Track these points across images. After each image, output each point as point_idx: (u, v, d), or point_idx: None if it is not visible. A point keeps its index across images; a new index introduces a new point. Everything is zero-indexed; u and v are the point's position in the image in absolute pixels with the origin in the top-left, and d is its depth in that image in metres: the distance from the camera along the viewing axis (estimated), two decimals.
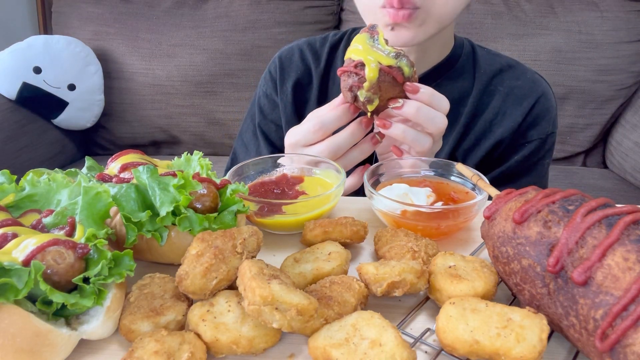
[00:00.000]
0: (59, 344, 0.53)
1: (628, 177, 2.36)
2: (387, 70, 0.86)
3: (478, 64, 1.22)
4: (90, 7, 2.60)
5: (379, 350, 0.50)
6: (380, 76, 0.86)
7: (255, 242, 0.64)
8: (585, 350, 0.51)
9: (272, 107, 1.31)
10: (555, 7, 2.42)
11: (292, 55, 1.30)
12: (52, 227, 0.63)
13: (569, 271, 0.52)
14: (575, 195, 0.59)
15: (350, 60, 0.89)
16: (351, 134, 0.93)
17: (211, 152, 2.65)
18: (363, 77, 0.86)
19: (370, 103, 0.87)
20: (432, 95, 0.89)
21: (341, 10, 2.64)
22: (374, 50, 0.88)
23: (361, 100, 0.87)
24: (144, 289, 0.62)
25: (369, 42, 0.89)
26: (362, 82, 0.86)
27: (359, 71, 0.86)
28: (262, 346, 0.55)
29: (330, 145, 0.92)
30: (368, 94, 0.86)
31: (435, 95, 0.89)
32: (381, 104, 0.89)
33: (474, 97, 1.19)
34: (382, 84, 0.86)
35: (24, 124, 2.36)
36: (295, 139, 0.96)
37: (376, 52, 0.88)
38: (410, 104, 0.87)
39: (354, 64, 0.87)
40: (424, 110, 0.87)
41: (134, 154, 0.81)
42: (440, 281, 0.61)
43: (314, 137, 0.93)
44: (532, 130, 1.19)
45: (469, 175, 0.83)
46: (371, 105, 0.87)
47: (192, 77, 2.55)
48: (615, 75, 2.38)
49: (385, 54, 0.88)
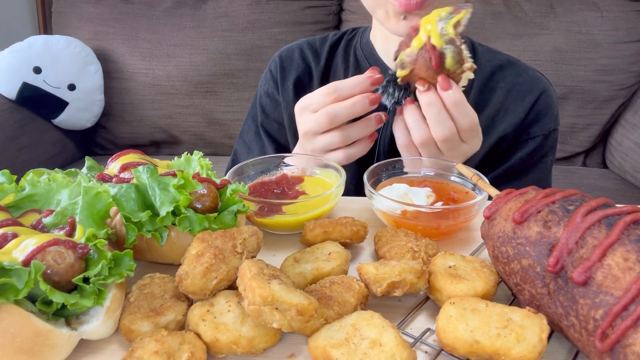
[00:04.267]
0: (59, 344, 0.53)
1: (628, 177, 2.36)
2: (429, 48, 0.83)
3: (478, 60, 1.22)
4: (90, 7, 2.60)
5: (379, 350, 0.50)
6: (421, 50, 0.84)
7: (255, 242, 0.64)
8: (585, 350, 0.51)
9: (274, 105, 1.31)
10: (555, 7, 2.42)
11: (293, 54, 1.31)
12: (52, 227, 0.63)
13: (569, 271, 0.52)
14: (575, 195, 0.59)
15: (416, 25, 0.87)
16: (352, 104, 0.90)
17: (211, 152, 2.65)
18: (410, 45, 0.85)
19: (402, 68, 0.86)
20: (457, 104, 0.85)
21: (341, 10, 2.64)
22: (437, 23, 0.84)
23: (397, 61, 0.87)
24: (144, 289, 0.62)
25: (442, 15, 0.85)
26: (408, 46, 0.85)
27: (414, 34, 0.85)
28: (262, 346, 0.55)
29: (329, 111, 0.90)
30: (404, 58, 0.85)
31: (460, 105, 0.85)
32: (413, 79, 0.87)
33: (474, 93, 1.19)
34: (420, 59, 0.84)
35: (24, 124, 2.35)
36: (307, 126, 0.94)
37: (436, 27, 0.84)
38: (428, 95, 0.85)
39: (414, 27, 0.86)
40: (434, 109, 0.85)
41: (134, 154, 0.81)
42: (440, 281, 0.61)
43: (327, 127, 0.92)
44: (535, 126, 1.19)
45: (469, 175, 0.83)
46: (401, 70, 0.86)
47: (192, 77, 2.55)
48: (615, 75, 2.38)
49: (442, 33, 0.83)
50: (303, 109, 0.96)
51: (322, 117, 0.91)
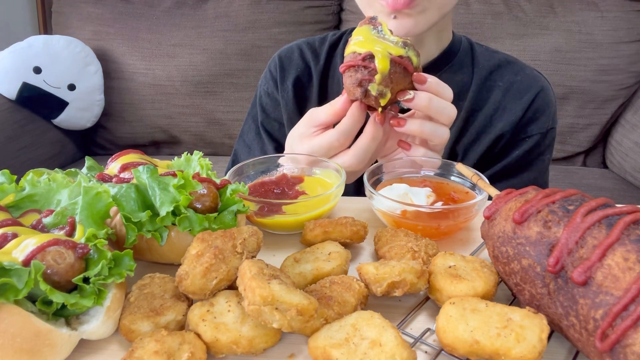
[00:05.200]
0: (59, 344, 0.53)
1: (628, 177, 2.36)
2: (398, 61, 0.82)
3: (476, 59, 1.22)
4: (90, 7, 2.60)
5: (379, 350, 0.50)
6: (392, 67, 0.81)
7: (255, 242, 0.64)
8: (585, 350, 0.51)
9: (275, 105, 1.31)
10: (555, 7, 2.42)
11: (292, 54, 1.31)
12: (52, 227, 0.63)
13: (569, 271, 0.52)
14: (575, 195, 0.59)
15: (355, 55, 0.83)
16: (373, 138, 0.89)
17: (211, 152, 2.65)
18: (373, 70, 0.80)
19: (383, 97, 0.82)
20: (438, 84, 0.86)
21: (341, 10, 2.64)
22: (381, 40, 0.84)
23: (373, 95, 0.81)
24: (144, 289, 0.62)
25: (373, 33, 0.85)
26: (372, 75, 0.80)
27: (367, 64, 0.81)
28: (262, 346, 0.55)
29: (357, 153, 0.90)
30: (380, 88, 0.81)
31: (440, 83, 0.87)
32: (392, 97, 0.83)
33: (473, 92, 1.19)
34: (394, 76, 0.82)
35: (24, 124, 2.36)
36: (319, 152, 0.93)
37: (383, 42, 0.83)
38: (422, 95, 0.84)
39: (362, 57, 0.81)
40: (435, 102, 0.85)
41: (134, 154, 0.81)
42: (440, 281, 0.61)
43: (341, 147, 0.92)
44: (532, 124, 1.19)
45: (468, 175, 0.83)
46: (384, 99, 0.82)
47: (192, 77, 2.55)
48: (615, 75, 2.38)
49: (393, 44, 0.83)
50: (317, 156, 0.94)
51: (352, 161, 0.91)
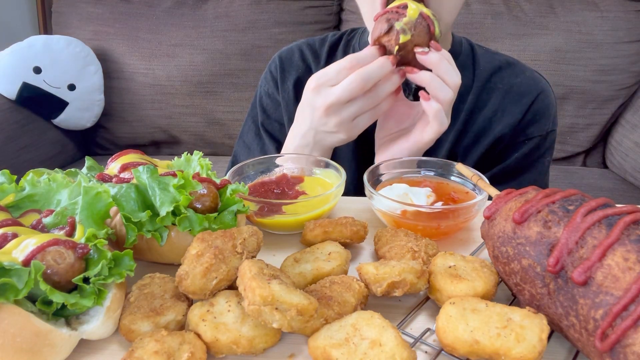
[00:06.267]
0: (59, 344, 0.53)
1: (628, 177, 2.36)
2: (426, 17, 0.93)
3: (477, 62, 1.22)
4: (90, 7, 2.60)
5: (379, 350, 0.50)
6: (419, 19, 0.92)
7: (255, 242, 0.64)
8: (585, 350, 0.51)
9: (275, 105, 1.31)
10: (555, 7, 2.42)
11: (292, 55, 1.31)
12: (52, 227, 0.63)
13: (569, 271, 0.52)
14: (575, 195, 0.59)
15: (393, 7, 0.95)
16: (380, 66, 0.93)
17: (211, 152, 2.65)
18: (403, 15, 0.92)
19: (403, 34, 0.92)
20: (450, 59, 0.95)
21: (341, 10, 2.64)
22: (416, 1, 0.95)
23: (396, 29, 0.92)
24: (144, 289, 0.62)
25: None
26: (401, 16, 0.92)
27: (400, 10, 0.93)
28: (262, 346, 0.55)
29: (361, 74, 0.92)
30: (404, 27, 0.92)
31: (452, 61, 0.95)
32: (409, 47, 0.93)
33: (473, 94, 1.19)
34: (417, 27, 0.92)
35: (24, 124, 2.36)
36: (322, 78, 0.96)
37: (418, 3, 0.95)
38: (435, 53, 0.92)
39: (397, 6, 0.94)
40: (444, 63, 0.92)
41: (134, 154, 0.81)
42: (440, 281, 0.61)
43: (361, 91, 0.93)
44: (532, 127, 1.19)
45: (468, 175, 0.83)
46: (404, 36, 0.92)
47: (192, 77, 2.55)
48: (615, 75, 2.38)
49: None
50: (320, 85, 0.96)
51: (354, 83, 0.92)
